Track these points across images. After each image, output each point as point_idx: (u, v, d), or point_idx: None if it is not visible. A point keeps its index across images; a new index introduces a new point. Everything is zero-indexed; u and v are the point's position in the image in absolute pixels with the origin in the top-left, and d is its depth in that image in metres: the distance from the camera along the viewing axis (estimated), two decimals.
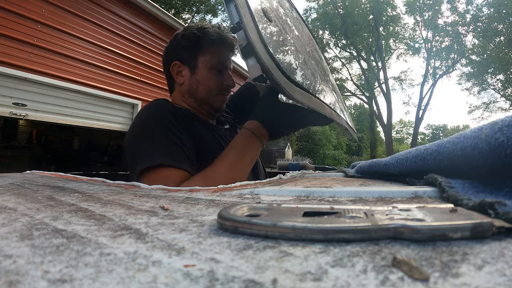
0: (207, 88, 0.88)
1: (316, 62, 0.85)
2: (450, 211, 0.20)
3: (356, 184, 0.43)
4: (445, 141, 0.32)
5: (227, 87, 0.89)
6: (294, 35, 0.75)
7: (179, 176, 0.68)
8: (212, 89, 0.88)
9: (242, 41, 0.52)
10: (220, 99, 0.90)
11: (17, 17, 3.07)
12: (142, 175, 0.69)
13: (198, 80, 0.88)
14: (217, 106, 0.90)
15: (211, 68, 0.87)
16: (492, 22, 14.73)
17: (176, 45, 0.90)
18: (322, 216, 0.20)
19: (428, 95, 17.12)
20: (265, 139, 0.74)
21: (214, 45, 0.87)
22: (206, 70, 0.87)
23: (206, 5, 15.43)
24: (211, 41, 0.87)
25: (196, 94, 0.89)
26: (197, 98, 0.89)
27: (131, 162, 0.74)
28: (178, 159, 0.70)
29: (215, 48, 0.87)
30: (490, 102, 18.06)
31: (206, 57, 0.87)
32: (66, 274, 0.13)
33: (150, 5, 4.54)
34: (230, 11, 0.53)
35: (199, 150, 0.77)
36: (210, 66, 0.87)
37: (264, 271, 0.13)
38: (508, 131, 0.24)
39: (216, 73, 0.88)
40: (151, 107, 0.81)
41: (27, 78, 3.15)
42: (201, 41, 0.87)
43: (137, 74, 4.52)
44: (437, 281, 0.12)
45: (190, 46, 0.88)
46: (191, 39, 0.88)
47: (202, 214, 0.25)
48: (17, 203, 0.29)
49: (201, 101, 0.89)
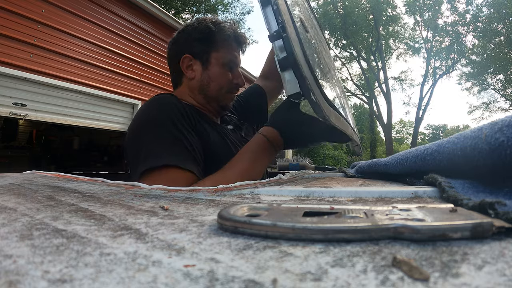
0: (218, 85, 0.85)
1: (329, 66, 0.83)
2: (450, 211, 0.20)
3: (356, 184, 0.43)
4: (445, 141, 0.32)
5: (237, 85, 0.88)
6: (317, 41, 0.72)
7: (186, 178, 0.64)
8: (223, 86, 0.86)
9: (280, 52, 0.47)
10: (229, 97, 0.89)
11: (17, 17, 3.07)
12: (145, 176, 0.65)
13: (210, 77, 0.85)
14: (224, 104, 0.89)
15: (223, 65, 0.85)
16: (492, 22, 14.73)
17: (187, 37, 0.86)
18: (322, 216, 0.20)
19: (428, 95, 17.12)
20: (280, 148, 0.71)
21: (228, 42, 0.85)
22: (219, 67, 0.85)
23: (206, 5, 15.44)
24: (226, 38, 0.84)
25: (206, 91, 0.86)
26: (207, 94, 0.86)
27: (132, 162, 0.70)
28: (185, 160, 0.66)
29: (229, 45, 0.86)
30: (490, 102, 18.07)
31: (220, 54, 0.85)
32: (66, 274, 0.13)
33: (150, 5, 4.54)
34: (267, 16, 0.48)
35: (205, 150, 0.75)
36: (223, 63, 0.85)
37: (264, 271, 0.13)
38: (508, 131, 0.24)
39: (227, 70, 0.86)
40: (155, 103, 0.76)
41: (27, 78, 3.15)
42: (216, 36, 0.84)
43: (137, 74, 4.52)
44: (437, 281, 0.12)
45: (203, 39, 0.85)
46: (206, 33, 0.84)
47: (202, 214, 0.25)
48: (17, 203, 0.29)
49: (210, 98, 0.87)
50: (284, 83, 0.50)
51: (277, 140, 0.69)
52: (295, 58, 0.44)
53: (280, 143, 0.70)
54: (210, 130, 0.79)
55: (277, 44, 0.47)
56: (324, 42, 0.98)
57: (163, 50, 4.96)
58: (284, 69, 0.49)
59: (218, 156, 0.74)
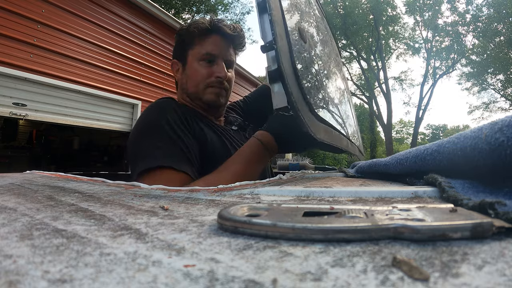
0: (194, 82, 0.85)
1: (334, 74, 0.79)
2: (450, 211, 0.20)
3: (356, 184, 0.43)
4: (445, 141, 0.32)
5: (217, 78, 0.84)
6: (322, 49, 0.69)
7: (180, 179, 0.66)
8: (199, 82, 0.84)
9: (271, 63, 0.47)
10: (211, 92, 0.85)
11: (17, 17, 3.07)
12: (142, 176, 0.67)
13: (188, 75, 0.86)
14: (208, 100, 0.85)
15: (199, 60, 0.84)
16: (492, 22, 14.73)
17: (174, 44, 0.91)
18: (322, 216, 0.20)
19: (428, 95, 17.12)
20: (274, 152, 0.71)
21: (202, 36, 0.84)
22: (195, 63, 0.84)
23: (206, 5, 15.44)
24: (199, 33, 0.84)
25: (186, 90, 0.87)
26: (188, 93, 0.87)
27: (132, 163, 0.72)
28: (179, 161, 0.68)
29: (203, 39, 0.84)
30: (490, 102, 18.07)
31: (195, 50, 0.85)
32: (66, 274, 0.13)
33: (150, 5, 4.54)
34: (263, 24, 0.47)
35: (202, 150, 0.75)
36: (199, 58, 0.84)
37: (264, 271, 0.13)
38: (508, 131, 0.24)
39: (205, 64, 0.84)
40: (155, 107, 0.79)
41: (27, 78, 3.15)
42: (190, 34, 0.85)
43: (137, 74, 4.52)
44: (437, 281, 0.12)
45: (181, 42, 0.87)
46: (181, 34, 0.87)
47: (202, 214, 0.25)
48: (17, 203, 0.29)
49: (192, 96, 0.87)
50: (273, 95, 0.50)
51: (272, 145, 0.70)
52: (281, 72, 0.44)
53: (274, 148, 0.70)
54: (207, 130, 0.80)
55: (270, 54, 0.47)
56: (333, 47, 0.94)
57: (163, 50, 4.96)
58: (273, 81, 0.49)
59: (215, 156, 0.75)
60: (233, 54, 0.89)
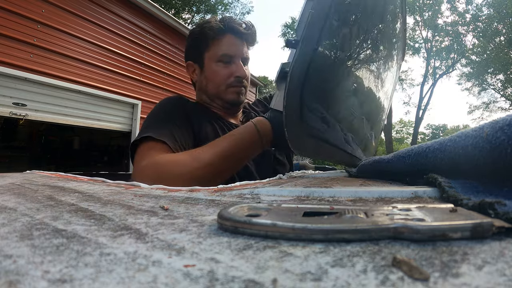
0: (215, 84, 0.86)
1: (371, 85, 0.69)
2: (450, 211, 0.20)
3: (356, 184, 0.43)
4: (447, 139, 0.32)
5: (237, 78, 0.85)
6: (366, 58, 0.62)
7: (160, 148, 0.68)
8: (220, 84, 0.86)
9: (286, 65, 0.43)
10: (232, 91, 0.86)
11: (17, 17, 3.07)
12: (134, 156, 0.72)
13: (207, 77, 0.87)
14: (230, 99, 0.87)
15: (217, 62, 0.85)
16: (492, 22, 14.73)
17: (187, 45, 0.92)
18: (322, 216, 0.20)
19: (428, 95, 17.14)
20: (267, 144, 0.67)
21: (217, 37, 0.85)
22: (213, 65, 0.86)
23: (206, 5, 15.43)
24: (213, 34, 0.84)
25: (206, 91, 0.89)
26: (208, 94, 0.89)
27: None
28: (160, 133, 0.70)
29: (219, 40, 0.85)
30: (490, 102, 18.07)
31: (211, 52, 0.85)
32: (66, 274, 0.13)
33: (150, 5, 4.54)
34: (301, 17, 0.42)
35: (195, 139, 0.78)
36: (216, 59, 0.85)
37: (264, 271, 0.13)
38: (509, 130, 0.24)
39: (223, 66, 0.85)
40: (162, 101, 0.86)
41: (27, 78, 3.15)
42: (204, 36, 0.86)
43: (137, 74, 4.52)
44: (437, 281, 0.12)
45: (195, 44, 0.88)
46: (195, 37, 0.88)
47: (202, 214, 0.25)
48: (17, 203, 0.29)
49: (213, 96, 0.89)
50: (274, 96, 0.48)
51: (267, 134, 0.65)
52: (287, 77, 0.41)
53: (269, 138, 0.66)
54: (206, 124, 0.81)
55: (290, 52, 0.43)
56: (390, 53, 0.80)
57: (163, 50, 4.96)
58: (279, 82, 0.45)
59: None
60: (247, 51, 0.90)
